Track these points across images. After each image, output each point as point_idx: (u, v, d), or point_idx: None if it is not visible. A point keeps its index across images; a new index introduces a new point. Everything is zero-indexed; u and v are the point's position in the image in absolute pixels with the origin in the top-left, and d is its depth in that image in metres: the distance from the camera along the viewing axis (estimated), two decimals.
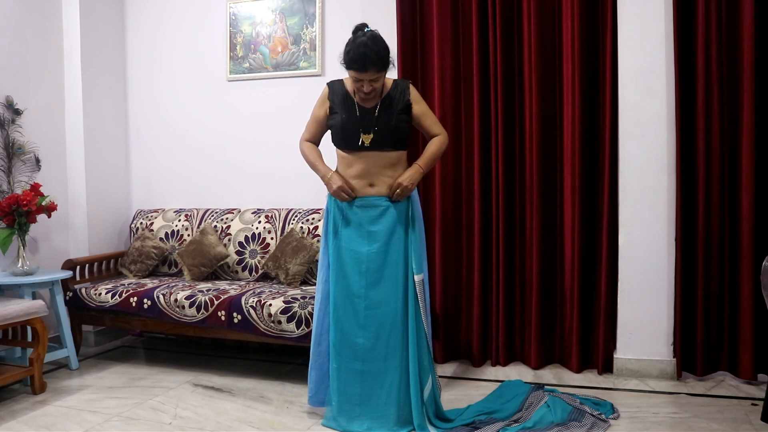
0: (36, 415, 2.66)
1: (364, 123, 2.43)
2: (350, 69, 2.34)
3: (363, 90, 2.38)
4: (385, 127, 2.43)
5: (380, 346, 2.42)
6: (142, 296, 3.21)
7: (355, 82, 2.37)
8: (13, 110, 3.40)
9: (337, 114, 2.49)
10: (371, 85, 2.36)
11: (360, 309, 2.44)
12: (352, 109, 2.46)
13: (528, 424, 2.41)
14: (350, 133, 2.45)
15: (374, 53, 2.29)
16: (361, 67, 2.30)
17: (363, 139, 2.42)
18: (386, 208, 2.46)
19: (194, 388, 2.97)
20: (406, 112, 2.49)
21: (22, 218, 3.17)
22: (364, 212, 2.47)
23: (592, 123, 3.07)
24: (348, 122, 2.45)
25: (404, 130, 2.50)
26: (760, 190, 2.83)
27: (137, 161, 4.12)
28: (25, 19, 3.51)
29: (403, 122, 2.49)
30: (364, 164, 2.46)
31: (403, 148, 2.51)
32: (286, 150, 3.70)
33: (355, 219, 2.48)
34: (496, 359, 3.22)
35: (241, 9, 3.82)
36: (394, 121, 2.45)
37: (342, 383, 2.46)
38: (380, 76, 2.37)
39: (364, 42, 2.30)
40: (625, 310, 3.01)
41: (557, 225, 3.18)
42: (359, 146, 2.44)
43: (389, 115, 2.44)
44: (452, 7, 3.21)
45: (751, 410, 2.55)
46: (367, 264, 2.44)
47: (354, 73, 2.34)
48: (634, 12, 2.93)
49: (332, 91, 2.53)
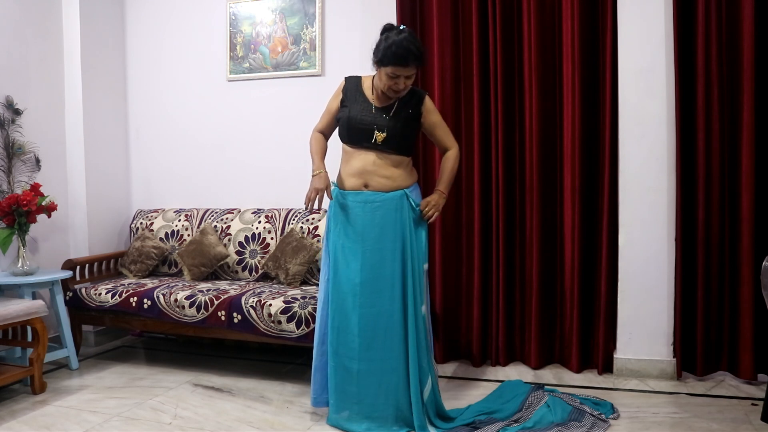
0: (36, 415, 2.66)
1: (379, 121, 2.44)
2: (392, 64, 2.33)
3: (397, 86, 2.38)
4: (396, 129, 2.44)
5: (376, 346, 2.41)
6: (142, 296, 3.21)
7: (391, 79, 2.37)
8: (13, 110, 3.40)
9: (346, 108, 2.52)
10: (406, 82, 2.38)
11: (355, 307, 2.42)
12: (366, 105, 2.48)
13: (528, 424, 2.41)
14: (361, 129, 2.45)
15: (417, 48, 2.33)
16: (404, 61, 2.32)
17: (377, 136, 2.43)
18: (380, 204, 2.45)
19: (194, 388, 2.97)
20: (416, 119, 2.51)
21: (22, 218, 3.17)
22: (360, 208, 2.46)
23: (592, 123, 3.07)
24: (360, 118, 2.46)
25: (412, 137, 2.52)
26: (760, 190, 2.83)
27: (137, 161, 4.12)
28: (25, 19, 3.51)
29: (412, 129, 2.51)
30: (362, 162, 2.46)
31: (406, 154, 2.52)
32: (286, 150, 3.71)
33: (351, 216, 2.47)
34: (496, 359, 3.22)
35: (241, 9, 3.82)
36: (405, 125, 2.46)
37: (339, 382, 2.45)
38: (413, 75, 2.40)
39: (407, 38, 2.33)
40: (625, 310, 3.01)
41: (557, 225, 3.18)
42: (370, 143, 2.44)
43: (400, 119, 2.46)
44: (452, 7, 3.21)
45: (751, 410, 2.55)
46: (362, 262, 2.43)
47: (394, 68, 2.33)
48: (634, 12, 2.94)
49: (347, 85, 2.57)
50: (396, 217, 2.46)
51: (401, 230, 2.45)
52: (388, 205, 2.46)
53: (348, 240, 2.47)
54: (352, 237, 2.46)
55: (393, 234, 2.44)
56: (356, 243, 2.45)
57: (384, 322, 2.41)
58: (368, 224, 2.45)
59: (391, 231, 2.44)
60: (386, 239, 2.44)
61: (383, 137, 2.43)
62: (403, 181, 2.50)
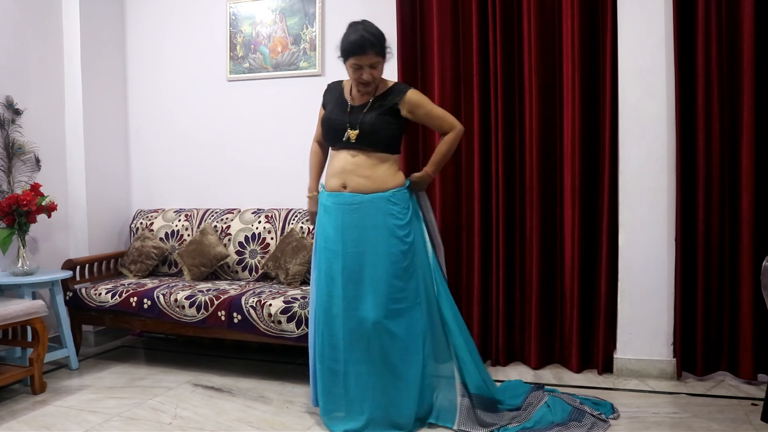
0: (36, 415, 2.66)
1: (352, 119, 2.40)
2: (350, 55, 2.33)
3: (362, 78, 2.35)
4: (366, 125, 2.37)
5: (359, 348, 2.34)
6: (142, 296, 3.21)
7: (355, 71, 2.35)
8: (13, 110, 3.40)
9: (326, 110, 2.53)
10: (371, 72, 2.34)
11: (339, 310, 2.37)
12: (342, 105, 2.46)
13: (528, 424, 2.41)
14: (335, 128, 2.43)
15: (372, 35, 2.31)
16: (360, 49, 2.30)
17: (350, 134, 2.39)
18: (358, 206, 2.38)
19: (194, 388, 2.97)
20: (393, 114, 2.41)
21: (22, 218, 3.17)
22: (339, 210, 2.41)
23: (592, 123, 3.07)
24: (334, 117, 2.45)
25: (388, 132, 2.41)
26: (760, 190, 2.83)
27: (137, 161, 4.11)
28: (25, 19, 3.50)
29: (388, 124, 2.40)
30: (342, 162, 2.42)
31: (387, 151, 2.43)
32: (286, 150, 3.71)
33: (332, 218, 2.43)
34: (496, 359, 3.22)
35: (241, 9, 3.82)
36: (378, 120, 2.38)
37: (326, 384, 2.41)
38: (379, 62, 2.36)
39: (362, 27, 2.34)
40: (625, 310, 3.01)
41: (557, 225, 3.18)
42: (344, 141, 2.40)
43: (374, 114, 2.39)
44: (452, 7, 3.21)
45: (751, 410, 2.55)
46: (343, 265, 2.37)
47: (354, 59, 2.32)
48: (634, 12, 2.93)
49: (328, 90, 2.59)
50: (377, 221, 2.37)
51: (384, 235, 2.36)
52: (366, 209, 2.37)
53: (329, 242, 2.42)
54: (332, 239, 2.41)
55: (374, 238, 2.36)
56: (336, 245, 2.40)
57: (367, 324, 2.33)
58: (348, 226, 2.38)
59: (372, 234, 2.36)
60: (366, 243, 2.36)
61: (356, 134, 2.38)
62: (384, 183, 2.40)
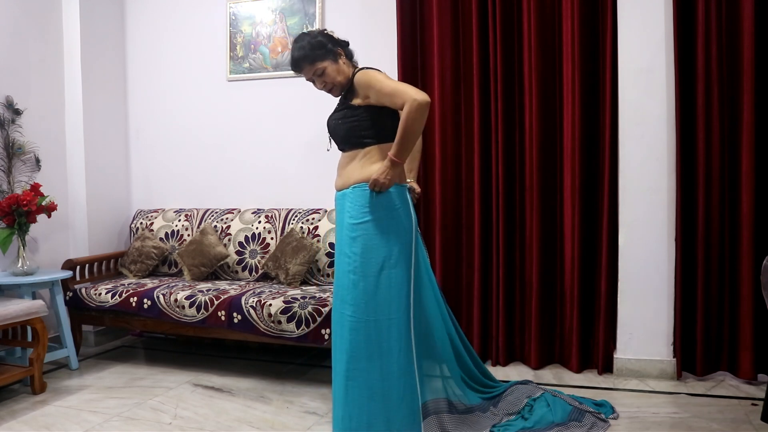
0: (36, 415, 2.66)
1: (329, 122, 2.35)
2: (295, 72, 2.33)
3: (318, 88, 2.33)
4: (332, 126, 2.32)
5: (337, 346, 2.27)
6: (142, 296, 3.21)
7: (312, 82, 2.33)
8: (13, 110, 3.40)
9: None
10: (322, 80, 2.28)
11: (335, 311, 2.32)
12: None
13: (528, 424, 2.41)
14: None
15: (300, 49, 2.24)
16: (294, 68, 2.29)
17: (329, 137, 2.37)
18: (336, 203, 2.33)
19: (194, 388, 2.97)
20: (350, 107, 2.24)
21: (22, 218, 3.17)
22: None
23: (592, 123, 3.07)
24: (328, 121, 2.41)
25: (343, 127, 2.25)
26: (760, 190, 2.83)
27: (137, 161, 4.12)
28: (25, 19, 3.50)
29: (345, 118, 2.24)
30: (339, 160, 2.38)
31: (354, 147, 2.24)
32: (286, 150, 3.71)
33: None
34: (496, 359, 3.22)
35: (241, 9, 3.82)
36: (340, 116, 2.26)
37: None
38: (324, 67, 2.23)
39: (294, 44, 2.27)
40: (625, 310, 3.01)
41: (557, 225, 3.18)
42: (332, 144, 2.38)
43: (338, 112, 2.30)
44: (452, 7, 3.21)
45: (751, 410, 2.55)
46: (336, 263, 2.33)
47: (298, 75, 2.33)
48: (634, 12, 2.93)
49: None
50: (341, 219, 2.29)
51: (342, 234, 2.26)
52: (338, 207, 2.33)
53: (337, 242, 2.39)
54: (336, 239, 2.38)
55: (340, 237, 2.29)
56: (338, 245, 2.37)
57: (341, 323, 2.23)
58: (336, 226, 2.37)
59: (339, 234, 2.31)
60: (341, 243, 2.27)
61: (329, 136, 2.36)
62: (349, 178, 2.24)
